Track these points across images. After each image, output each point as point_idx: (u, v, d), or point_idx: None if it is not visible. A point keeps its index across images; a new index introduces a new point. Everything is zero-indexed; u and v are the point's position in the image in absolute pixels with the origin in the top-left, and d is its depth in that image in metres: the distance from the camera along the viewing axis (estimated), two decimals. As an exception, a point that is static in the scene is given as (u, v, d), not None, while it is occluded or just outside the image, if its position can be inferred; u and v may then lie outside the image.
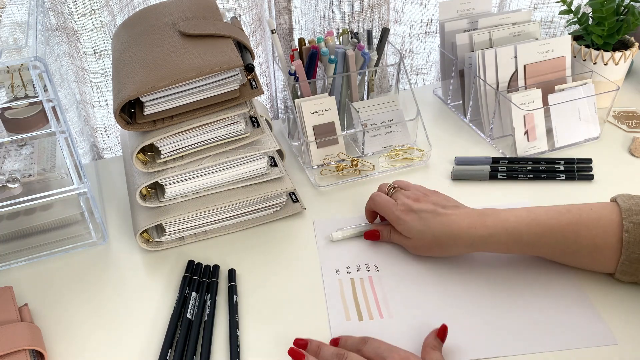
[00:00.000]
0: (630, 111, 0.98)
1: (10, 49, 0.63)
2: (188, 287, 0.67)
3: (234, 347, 0.60)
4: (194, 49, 0.67)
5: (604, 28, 0.92)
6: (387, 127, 0.89)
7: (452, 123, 0.98)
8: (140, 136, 0.66)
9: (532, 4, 1.19)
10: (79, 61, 0.96)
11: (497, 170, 0.83)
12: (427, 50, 1.20)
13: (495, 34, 0.92)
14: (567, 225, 0.62)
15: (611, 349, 0.59)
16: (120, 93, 0.63)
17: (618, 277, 0.63)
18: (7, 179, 0.69)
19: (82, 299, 0.68)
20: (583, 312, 0.62)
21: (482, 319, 0.62)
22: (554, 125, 0.88)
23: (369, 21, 1.06)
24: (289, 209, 0.79)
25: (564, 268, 0.67)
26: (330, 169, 0.85)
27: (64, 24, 0.91)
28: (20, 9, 0.84)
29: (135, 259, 0.73)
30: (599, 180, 0.83)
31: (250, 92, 0.68)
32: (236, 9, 0.99)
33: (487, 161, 0.86)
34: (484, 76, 0.90)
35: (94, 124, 1.05)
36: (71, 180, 0.68)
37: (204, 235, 0.75)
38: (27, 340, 0.58)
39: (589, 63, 0.95)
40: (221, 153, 0.70)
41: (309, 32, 1.12)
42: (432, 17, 1.15)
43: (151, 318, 0.65)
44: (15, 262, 0.72)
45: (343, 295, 0.66)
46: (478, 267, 0.68)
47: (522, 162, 0.85)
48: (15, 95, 0.67)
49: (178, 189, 0.71)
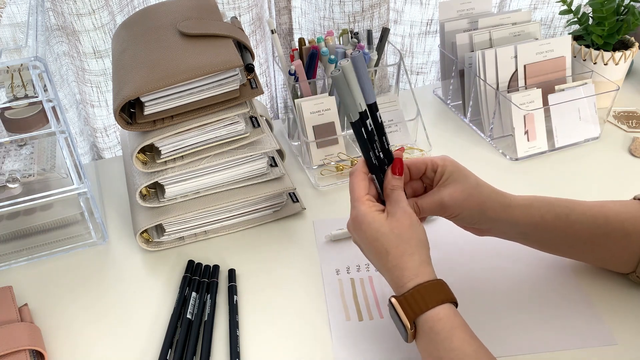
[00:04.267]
0: (630, 111, 0.98)
1: (10, 49, 0.63)
2: (188, 287, 0.67)
3: (234, 347, 0.60)
4: (194, 49, 0.67)
5: (604, 28, 0.92)
6: (387, 127, 0.89)
7: (452, 123, 0.98)
8: (140, 136, 0.66)
9: (532, 4, 1.19)
10: (79, 61, 0.96)
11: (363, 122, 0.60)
12: (427, 50, 1.20)
13: (495, 34, 0.92)
14: (595, 207, 0.61)
15: (611, 349, 0.59)
16: (120, 93, 0.63)
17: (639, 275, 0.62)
18: (7, 179, 0.69)
19: (82, 299, 0.68)
20: (583, 312, 0.62)
21: (482, 319, 0.62)
22: (554, 125, 0.88)
23: (369, 21, 1.06)
24: (289, 209, 0.79)
25: (564, 268, 0.67)
26: (330, 169, 0.85)
27: (64, 24, 0.91)
28: (20, 9, 0.84)
29: (135, 259, 0.73)
30: (599, 181, 0.83)
31: (250, 92, 0.68)
32: (236, 9, 0.99)
33: (370, 97, 0.60)
34: (484, 76, 0.90)
35: (94, 124, 1.05)
36: (71, 180, 0.68)
37: (204, 235, 0.75)
38: (27, 340, 0.58)
39: (589, 63, 0.95)
40: (221, 153, 0.70)
41: (309, 32, 1.12)
42: (432, 17, 1.15)
43: (151, 318, 0.65)
44: (15, 262, 0.72)
45: (343, 295, 0.66)
46: (478, 268, 0.68)
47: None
48: (15, 95, 0.67)
49: (178, 189, 0.71)
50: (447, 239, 0.71)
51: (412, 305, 0.51)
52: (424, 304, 0.51)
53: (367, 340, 0.61)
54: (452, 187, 0.59)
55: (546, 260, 0.68)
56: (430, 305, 0.51)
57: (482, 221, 0.61)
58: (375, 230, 0.55)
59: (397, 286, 0.54)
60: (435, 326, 0.50)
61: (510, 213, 0.60)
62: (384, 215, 0.56)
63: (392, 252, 0.54)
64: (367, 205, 0.56)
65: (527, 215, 0.60)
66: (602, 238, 0.61)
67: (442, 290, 0.52)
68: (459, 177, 0.59)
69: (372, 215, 0.55)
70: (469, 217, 0.60)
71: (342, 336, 0.62)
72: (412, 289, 0.52)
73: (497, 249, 0.70)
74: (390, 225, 0.55)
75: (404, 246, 0.54)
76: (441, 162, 0.60)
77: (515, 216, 0.60)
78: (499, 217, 0.60)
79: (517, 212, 0.60)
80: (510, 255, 0.69)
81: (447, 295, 0.52)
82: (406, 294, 0.52)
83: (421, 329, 0.51)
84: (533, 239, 0.63)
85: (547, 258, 0.69)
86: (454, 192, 0.59)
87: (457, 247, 0.71)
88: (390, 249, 0.54)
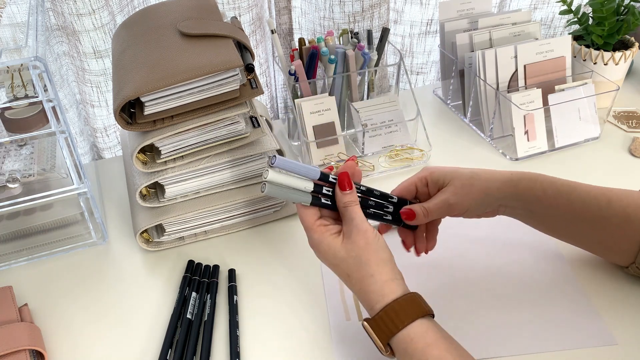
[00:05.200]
0: (630, 111, 0.98)
1: (10, 49, 0.63)
2: (188, 287, 0.67)
3: (234, 347, 0.60)
4: (194, 49, 0.67)
5: (604, 28, 0.92)
6: (387, 127, 0.89)
7: (452, 123, 0.98)
8: (140, 136, 0.66)
9: (532, 4, 1.19)
10: (79, 61, 0.96)
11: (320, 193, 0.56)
12: (427, 50, 1.20)
13: (495, 34, 0.92)
14: (598, 189, 0.61)
15: (611, 349, 0.59)
16: (120, 93, 0.63)
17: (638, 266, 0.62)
18: (7, 179, 0.69)
19: (82, 299, 0.68)
20: (583, 312, 0.62)
21: (482, 319, 0.62)
22: (554, 125, 0.88)
23: (369, 21, 1.06)
24: (289, 209, 0.78)
25: (564, 268, 0.67)
26: (330, 169, 0.85)
27: (64, 24, 0.91)
28: (20, 9, 0.84)
29: (135, 259, 0.73)
30: (599, 181, 0.83)
31: (250, 92, 0.68)
32: (236, 9, 0.99)
33: (313, 174, 0.56)
34: (484, 76, 0.90)
35: (94, 124, 1.05)
36: (71, 180, 0.68)
37: (204, 235, 0.75)
38: (27, 340, 0.58)
39: (589, 63, 0.95)
40: (221, 153, 0.70)
41: (309, 32, 1.12)
42: (432, 17, 1.15)
43: (151, 318, 0.65)
44: (15, 262, 0.72)
45: (343, 295, 0.66)
46: (478, 268, 0.68)
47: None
48: (15, 95, 0.67)
49: (178, 189, 0.71)
50: (445, 239, 0.71)
51: (382, 327, 0.50)
52: (394, 325, 0.50)
53: (367, 340, 0.61)
54: (452, 186, 0.60)
55: (546, 260, 0.68)
56: (403, 324, 0.50)
57: (490, 203, 0.62)
58: (332, 256, 0.54)
59: (368, 308, 0.53)
60: (408, 348, 0.49)
61: (515, 186, 0.61)
62: (339, 238, 0.54)
63: (353, 276, 0.53)
64: (320, 232, 0.55)
65: (531, 189, 0.61)
66: (603, 221, 0.61)
67: (413, 305, 0.51)
68: (452, 175, 0.60)
69: (326, 242, 0.54)
70: (477, 206, 0.61)
71: (342, 336, 0.62)
72: (381, 311, 0.51)
73: (496, 249, 0.70)
74: (345, 249, 0.54)
75: (364, 269, 0.53)
76: (426, 173, 0.62)
77: (519, 189, 0.61)
78: (504, 193, 0.61)
79: (521, 184, 0.61)
80: (509, 256, 0.69)
81: (420, 309, 0.51)
82: (376, 316, 0.51)
83: (396, 350, 0.50)
84: (537, 217, 0.63)
85: (547, 258, 0.69)
86: (455, 190, 0.60)
87: (456, 247, 0.71)
88: (351, 273, 0.53)
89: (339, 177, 0.56)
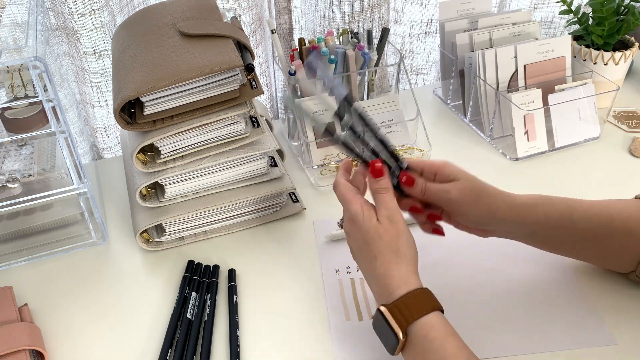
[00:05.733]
0: (630, 111, 0.98)
1: (10, 49, 0.63)
2: (188, 287, 0.67)
3: (234, 347, 0.60)
4: (194, 49, 0.67)
5: (604, 28, 0.92)
6: (387, 127, 0.89)
7: (452, 123, 0.98)
8: (140, 136, 0.66)
9: (532, 4, 1.19)
10: (79, 61, 0.96)
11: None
12: (427, 50, 1.20)
13: (495, 34, 0.92)
14: (598, 206, 0.61)
15: (611, 349, 0.59)
16: (120, 93, 0.63)
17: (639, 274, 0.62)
18: (7, 179, 0.69)
19: (82, 299, 0.68)
20: (583, 312, 0.62)
21: (483, 319, 0.62)
22: (554, 125, 0.88)
23: (369, 21, 1.06)
24: (289, 209, 0.79)
25: (564, 268, 0.67)
26: (330, 169, 0.85)
27: (64, 24, 0.91)
28: (20, 9, 0.84)
29: (135, 259, 0.73)
30: (599, 181, 0.83)
31: (250, 92, 0.68)
32: (236, 9, 0.99)
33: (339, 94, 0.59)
34: (484, 76, 0.90)
35: (94, 124, 1.05)
36: (71, 180, 0.68)
37: (204, 235, 0.75)
38: (27, 340, 0.58)
39: (589, 63, 0.95)
40: (221, 153, 0.70)
41: (309, 32, 1.12)
42: (432, 17, 1.15)
43: (151, 318, 0.65)
44: (15, 262, 0.72)
45: (343, 295, 0.66)
46: (478, 268, 0.68)
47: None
48: (15, 95, 0.67)
49: (178, 189, 0.71)
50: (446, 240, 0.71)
51: (403, 312, 0.50)
52: (416, 311, 0.50)
53: (367, 340, 0.61)
54: (461, 184, 0.59)
55: (546, 260, 0.68)
56: (427, 310, 0.50)
57: (490, 222, 0.61)
58: (365, 231, 0.55)
59: (386, 294, 0.53)
60: (429, 334, 0.49)
61: (516, 212, 0.60)
62: (375, 218, 0.55)
63: (380, 258, 0.54)
64: (359, 205, 0.56)
65: (532, 214, 0.60)
66: (605, 237, 0.61)
67: (430, 298, 0.52)
68: (466, 177, 0.60)
69: (362, 218, 0.55)
70: (477, 218, 0.60)
71: (342, 336, 0.62)
72: (403, 296, 0.51)
73: (497, 250, 0.70)
74: (378, 232, 0.54)
75: (394, 255, 0.53)
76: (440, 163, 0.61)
77: (521, 215, 0.60)
78: (506, 217, 0.60)
79: (523, 211, 0.60)
80: (510, 256, 0.69)
81: (436, 303, 0.52)
82: (396, 301, 0.51)
83: (413, 337, 0.50)
84: (538, 239, 0.63)
85: (547, 258, 0.69)
86: (462, 189, 0.59)
87: (457, 248, 0.71)
88: (379, 255, 0.54)
89: (369, 164, 0.56)
